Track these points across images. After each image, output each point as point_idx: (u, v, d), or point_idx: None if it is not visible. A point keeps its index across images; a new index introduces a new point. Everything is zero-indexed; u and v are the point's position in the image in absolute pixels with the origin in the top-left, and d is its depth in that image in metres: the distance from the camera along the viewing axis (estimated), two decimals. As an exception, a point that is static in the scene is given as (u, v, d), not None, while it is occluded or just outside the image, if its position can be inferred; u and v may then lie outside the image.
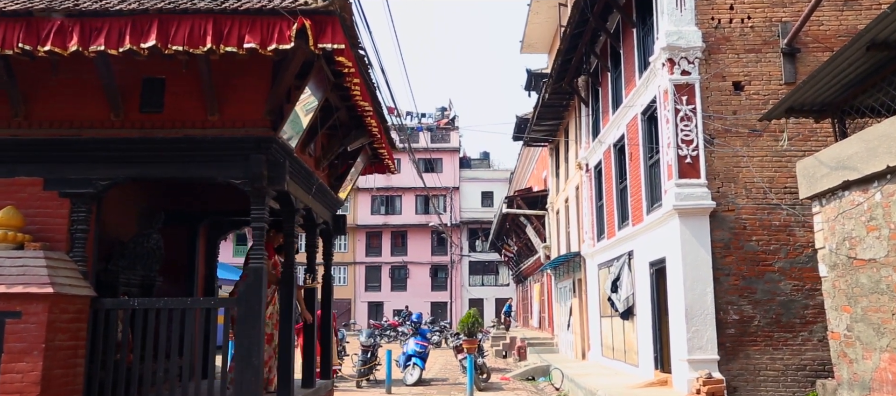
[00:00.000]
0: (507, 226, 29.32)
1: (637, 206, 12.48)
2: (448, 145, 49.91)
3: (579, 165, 17.60)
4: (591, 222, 16.67)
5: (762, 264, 9.87)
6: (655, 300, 11.53)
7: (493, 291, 46.87)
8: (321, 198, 7.95)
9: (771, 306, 9.75)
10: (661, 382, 10.62)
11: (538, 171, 30.26)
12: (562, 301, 21.99)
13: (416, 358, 15.01)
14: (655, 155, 11.67)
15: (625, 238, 13.23)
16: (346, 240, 47.72)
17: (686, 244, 9.82)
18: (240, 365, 5.49)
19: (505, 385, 14.74)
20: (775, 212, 10.00)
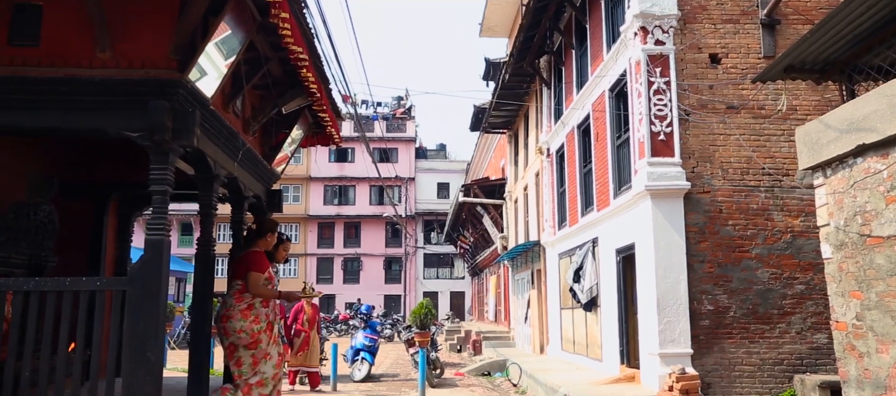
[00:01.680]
0: (464, 216, 28.42)
1: (603, 190, 11.67)
2: (404, 135, 48.79)
3: (540, 150, 16.78)
4: (551, 209, 15.86)
5: (739, 250, 9.14)
6: (622, 289, 10.74)
7: (448, 284, 46.01)
8: (251, 168, 6.84)
9: (747, 295, 9.03)
10: (628, 378, 9.83)
11: (496, 160, 29.45)
12: (519, 294, 21.20)
13: (364, 353, 13.94)
14: (624, 134, 10.86)
15: (589, 225, 12.42)
16: (297, 231, 46.20)
17: (658, 229, 9.02)
18: (131, 362, 4.37)
19: (459, 381, 13.82)
20: (753, 194, 9.28)
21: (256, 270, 5.18)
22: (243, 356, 5.13)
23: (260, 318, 5.09)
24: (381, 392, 12.00)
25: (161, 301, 4.50)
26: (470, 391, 12.45)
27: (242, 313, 5.04)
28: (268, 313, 5.26)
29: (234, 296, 5.15)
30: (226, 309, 5.08)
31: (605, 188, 11.51)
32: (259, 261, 5.27)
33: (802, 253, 9.15)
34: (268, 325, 5.20)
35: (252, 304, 5.09)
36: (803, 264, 9.13)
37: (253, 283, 5.16)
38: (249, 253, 5.31)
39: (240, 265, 5.34)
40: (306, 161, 46.74)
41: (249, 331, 5.05)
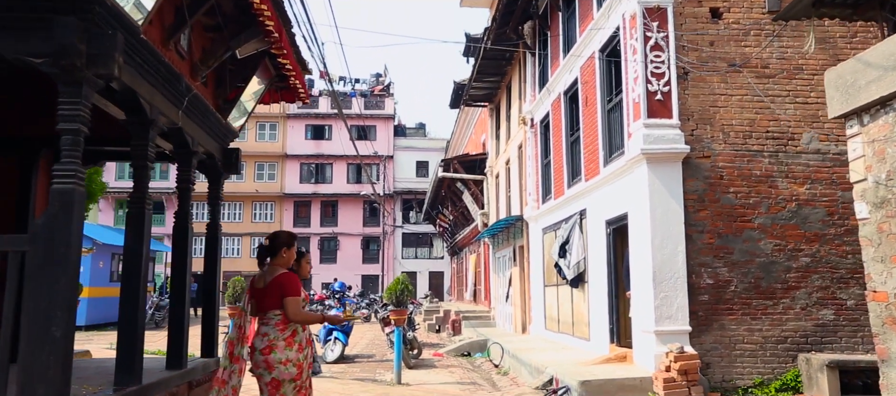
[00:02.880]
0: (443, 193, 27.63)
1: (592, 158, 10.93)
2: (382, 112, 47.78)
3: (523, 120, 15.99)
4: (535, 182, 15.12)
5: (740, 220, 8.45)
6: (612, 264, 10.04)
7: (427, 264, 45.31)
8: (201, 120, 5.97)
9: (749, 268, 8.36)
10: (619, 357, 9.15)
11: (477, 135, 28.65)
12: (500, 272, 20.51)
13: (337, 332, 13.19)
14: (615, 97, 10.11)
15: (576, 196, 11.69)
16: (273, 210, 45.12)
17: (655, 196, 8.30)
18: (31, 341, 3.52)
19: (438, 362, 13.10)
20: (756, 160, 8.59)
21: (294, 294, 4.44)
22: (287, 391, 4.40)
23: (303, 345, 4.47)
24: (355, 374, 11.24)
25: (71, 265, 3.65)
26: (449, 372, 11.74)
27: (287, 342, 4.37)
28: (307, 338, 4.60)
29: (277, 326, 4.42)
30: (268, 341, 4.37)
31: (595, 156, 10.77)
32: (293, 284, 4.50)
33: (808, 223, 8.50)
34: (307, 352, 4.54)
35: (295, 331, 4.44)
36: (809, 235, 8.48)
37: (294, 310, 4.41)
38: (280, 277, 4.49)
39: (271, 293, 4.49)
40: (282, 138, 45.61)
41: (296, 361, 4.39)
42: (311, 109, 46.36)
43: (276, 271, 4.49)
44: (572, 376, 8.09)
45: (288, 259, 4.61)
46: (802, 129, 8.70)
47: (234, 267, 41.96)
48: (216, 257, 6.71)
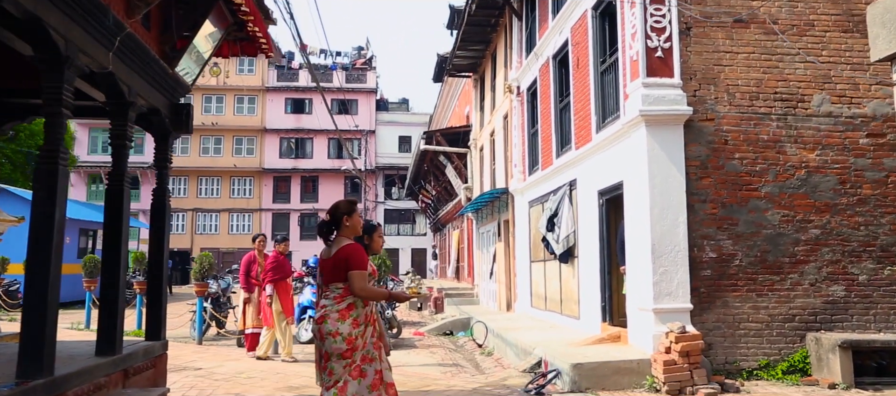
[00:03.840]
0: (426, 168, 26.84)
1: (583, 124, 10.19)
2: (364, 86, 46.73)
3: (509, 88, 15.19)
4: (521, 153, 14.37)
5: (746, 188, 7.78)
6: (604, 237, 9.34)
7: (410, 240, 44.61)
8: (141, 67, 5.13)
9: (755, 241, 7.70)
10: (613, 338, 8.49)
11: (460, 108, 27.82)
12: (484, 248, 19.83)
13: (312, 311, 12.39)
14: (609, 58, 9.36)
15: (565, 166, 10.96)
16: (251, 185, 44.07)
17: (654, 162, 7.58)
18: None
19: (419, 342, 12.41)
20: (763, 123, 7.89)
21: (359, 267, 4.17)
22: (335, 367, 4.11)
23: (359, 320, 4.17)
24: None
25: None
26: (430, 352, 11.05)
27: (341, 314, 4.12)
28: (368, 314, 4.26)
29: (335, 299, 4.20)
30: (323, 311, 4.19)
31: (586, 122, 10.03)
32: (359, 256, 4.21)
33: (818, 192, 7.84)
34: (364, 329, 4.20)
35: (352, 305, 4.17)
36: (819, 204, 7.83)
37: (359, 284, 4.14)
38: (346, 248, 4.22)
39: (336, 266, 4.21)
40: (261, 112, 44.48)
41: (345, 336, 4.09)
42: (290, 82, 45.23)
43: (342, 242, 4.26)
44: (562, 358, 7.41)
45: (354, 227, 4.36)
46: (813, 90, 8.01)
47: (213, 244, 41.02)
48: (163, 227, 5.89)
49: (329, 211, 4.41)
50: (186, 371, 8.17)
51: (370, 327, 4.23)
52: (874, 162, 7.96)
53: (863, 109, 8.02)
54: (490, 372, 8.92)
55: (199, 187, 43.31)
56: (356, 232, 4.38)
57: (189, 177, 43.12)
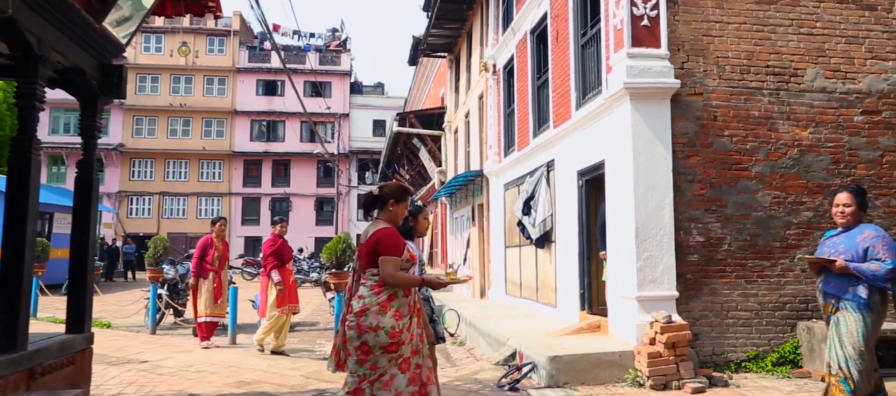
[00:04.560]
0: (399, 151, 26.15)
1: (562, 101, 9.61)
2: (338, 68, 45.70)
3: (485, 66, 14.57)
4: (496, 134, 13.78)
5: (736, 167, 7.26)
6: (584, 220, 8.80)
7: (384, 226, 43.82)
8: (57, 17, 4.41)
9: (745, 224, 7.20)
10: (592, 327, 7.97)
11: (435, 90, 27.14)
12: (457, 233, 19.26)
13: (271, 298, 11.73)
14: (591, 30, 8.78)
15: (543, 145, 10.39)
16: (221, 168, 42.94)
17: (639, 138, 7.02)
18: None
19: (388, 330, 11.79)
20: (754, 98, 7.37)
21: (390, 253, 3.91)
22: (380, 361, 3.83)
23: (402, 311, 3.90)
24: (292, 345, 9.86)
25: None
26: (399, 342, 10.44)
27: (382, 306, 3.86)
28: (410, 304, 4.00)
29: (373, 289, 3.92)
30: (363, 304, 3.89)
31: (566, 99, 9.45)
32: (391, 240, 3.95)
33: (811, 172, 7.36)
34: (410, 321, 3.95)
35: (393, 295, 3.90)
36: (812, 185, 7.35)
37: (388, 271, 3.87)
38: (378, 232, 3.97)
39: (369, 250, 3.96)
40: (231, 94, 43.30)
41: (389, 329, 3.82)
42: (262, 63, 44.10)
43: (378, 225, 4.03)
44: (539, 350, 6.86)
45: (395, 215, 4.13)
46: (806, 64, 7.51)
47: (180, 229, 39.99)
48: (90, 205, 5.16)
49: (379, 186, 4.22)
50: (130, 365, 7.48)
51: (415, 317, 3.99)
52: (869, 141, 7.50)
53: (858, 85, 7.55)
54: (461, 365, 8.36)
55: (166, 169, 42.05)
56: (396, 221, 4.15)
57: (156, 159, 41.85)
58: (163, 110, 42.00)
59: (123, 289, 21.68)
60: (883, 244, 4.51)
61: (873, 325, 4.53)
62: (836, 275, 4.61)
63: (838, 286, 4.61)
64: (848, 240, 4.67)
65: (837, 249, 4.68)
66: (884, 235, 4.61)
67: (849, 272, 4.51)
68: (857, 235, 4.65)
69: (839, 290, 4.60)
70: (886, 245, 4.51)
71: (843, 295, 4.57)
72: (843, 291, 4.57)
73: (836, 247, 4.70)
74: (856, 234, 4.67)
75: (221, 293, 9.62)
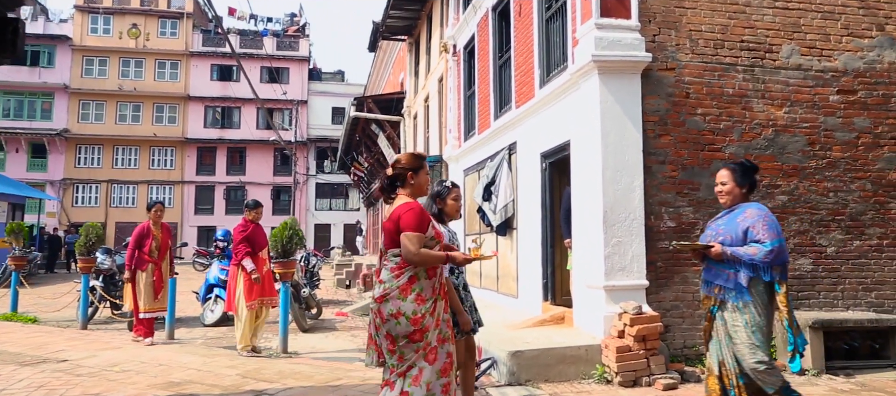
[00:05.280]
0: (357, 138, 25.37)
1: (525, 79, 9.08)
2: (296, 54, 44.50)
3: (445, 46, 13.97)
4: (456, 117, 13.21)
5: (709, 148, 6.83)
6: (547, 206, 8.30)
7: (342, 216, 43.00)
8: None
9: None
10: (556, 319, 7.48)
11: (395, 76, 26.43)
12: (417, 221, 18.66)
13: (219, 289, 10.98)
14: (557, 1, 8.25)
15: (504, 128, 9.86)
16: (173, 156, 41.46)
17: (608, 116, 6.52)
18: None
19: (340, 323, 11.17)
20: (728, 75, 6.94)
21: (411, 228, 3.51)
22: (405, 351, 3.52)
23: (425, 294, 3.54)
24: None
25: None
26: (351, 335, 9.82)
27: (402, 289, 3.51)
28: (434, 286, 3.61)
29: (393, 271, 3.57)
30: (383, 289, 3.57)
31: (529, 77, 8.92)
32: (414, 215, 3.55)
33: (786, 154, 6.97)
34: (434, 305, 3.57)
35: (415, 276, 3.54)
36: (787, 167, 6.97)
37: (410, 248, 3.49)
38: (399, 208, 3.62)
39: (390, 228, 3.61)
40: (184, 78, 41.80)
41: (410, 315, 3.48)
42: (217, 47, 42.61)
43: (400, 201, 3.66)
44: (499, 344, 6.32)
45: (418, 187, 3.75)
46: (782, 39, 7.10)
47: (129, 218, 38.47)
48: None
49: (391, 165, 3.82)
50: (45, 365, 6.70)
51: (441, 301, 3.61)
52: (844, 121, 7.15)
53: (833, 63, 7.18)
54: (417, 359, 7.77)
55: (115, 156, 40.37)
56: (422, 192, 3.78)
57: (104, 146, 40.13)
58: (111, 95, 40.28)
59: (64, 281, 20.50)
60: (763, 224, 3.90)
61: (762, 317, 3.89)
62: (716, 262, 4.01)
63: (719, 274, 4.01)
64: (729, 222, 4.09)
65: (718, 232, 4.11)
66: (765, 214, 3.97)
67: (728, 257, 3.92)
68: (739, 215, 4.05)
69: (720, 279, 4.00)
70: (767, 225, 3.90)
71: (725, 284, 3.96)
72: (724, 280, 3.97)
73: (717, 230, 4.13)
74: (737, 214, 4.07)
75: (162, 286, 8.78)
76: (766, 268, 3.83)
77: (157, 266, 8.73)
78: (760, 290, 3.89)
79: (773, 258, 3.82)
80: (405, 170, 3.73)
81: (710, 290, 4.08)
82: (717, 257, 3.97)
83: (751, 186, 4.21)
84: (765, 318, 3.90)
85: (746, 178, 4.17)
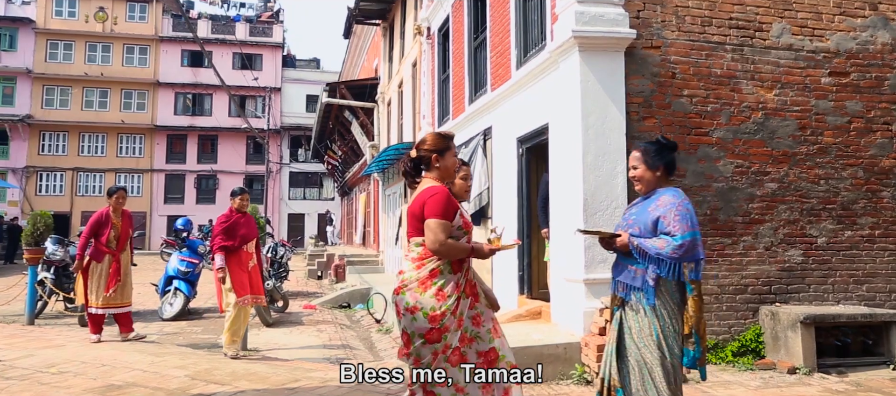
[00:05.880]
0: (331, 125, 24.76)
1: (501, 60, 8.60)
2: (270, 40, 43.55)
3: (419, 29, 13.44)
4: (430, 102, 12.71)
5: (695, 132, 6.41)
6: (524, 193, 7.85)
7: (316, 205, 42.30)
8: None
9: (705, 196, 6.37)
10: (533, 314, 7.04)
11: (369, 62, 25.81)
12: (389, 211, 18.16)
13: (179, 281, 10.42)
14: (534, -23, 7.78)
15: (479, 112, 9.39)
16: (142, 143, 40.37)
17: (589, 97, 6.07)
18: None
19: (308, 317, 10.64)
20: (716, 54, 6.52)
21: (436, 215, 3.12)
22: (422, 353, 3.15)
23: (446, 293, 3.13)
24: (192, 336, 8.63)
25: None
26: (317, 330, 9.31)
27: (422, 282, 3.14)
28: (458, 282, 3.21)
29: (414, 262, 3.21)
30: (401, 280, 3.21)
31: (505, 59, 8.45)
32: (440, 200, 3.16)
33: (776, 139, 6.58)
34: (457, 303, 3.16)
35: (437, 269, 3.15)
36: (776, 153, 6.58)
37: (433, 237, 3.11)
38: (424, 192, 3.23)
39: (413, 215, 3.22)
40: (154, 64, 40.68)
41: (428, 311, 3.10)
42: (188, 32, 41.44)
43: (426, 185, 3.31)
44: (472, 341, 5.85)
45: (444, 170, 3.37)
46: (772, 18, 6.70)
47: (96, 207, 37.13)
48: None
49: (415, 146, 3.45)
50: (-27, 365, 6.10)
51: (466, 299, 3.21)
52: (836, 105, 6.78)
53: (825, 43, 6.80)
54: (385, 357, 7.32)
55: (81, 144, 39.17)
56: (449, 175, 3.42)
57: (69, 132, 38.91)
58: (77, 80, 39.00)
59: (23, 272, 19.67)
60: (675, 214, 3.28)
61: (671, 323, 3.25)
62: (625, 255, 3.42)
63: (626, 270, 3.41)
64: (640, 211, 3.50)
65: (628, 222, 3.54)
66: (679, 202, 3.34)
67: (635, 249, 3.32)
68: (651, 203, 3.45)
69: (627, 275, 3.39)
70: (680, 215, 3.28)
71: (631, 282, 3.36)
72: (630, 277, 3.37)
73: (628, 220, 3.56)
74: (650, 202, 3.47)
75: (119, 278, 7.81)
76: (673, 266, 3.20)
77: (115, 258, 7.85)
78: (673, 290, 3.28)
79: (683, 254, 3.19)
80: (430, 152, 3.35)
81: (616, 287, 3.48)
82: (624, 248, 3.38)
83: (666, 167, 3.56)
84: (679, 323, 3.27)
85: (660, 158, 3.54)
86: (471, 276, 3.33)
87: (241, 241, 7.05)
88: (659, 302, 3.26)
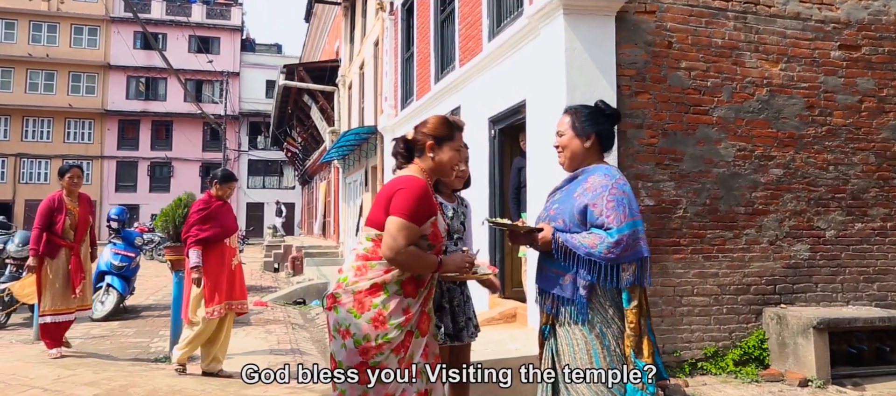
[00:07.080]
0: (290, 110, 23.58)
1: (472, 32, 7.72)
2: (228, 23, 41.93)
3: (381, 5, 12.47)
4: (393, 83, 11.77)
5: (694, 109, 5.62)
6: (496, 180, 7.00)
7: (276, 194, 40.92)
8: None
9: (704, 183, 5.59)
10: (507, 317, 6.21)
11: (330, 45, 24.70)
12: (350, 200, 17.20)
13: (112, 277, 9.33)
14: (509, -64, 6.89)
15: (447, 90, 8.49)
16: (92, 129, 38.49)
17: (575, 67, 5.22)
18: None
19: (257, 315, 9.65)
20: (717, 22, 5.73)
21: (403, 212, 2.32)
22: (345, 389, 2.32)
23: (389, 312, 2.29)
24: (122, 339, 7.60)
25: None
26: (266, 331, 8.35)
27: (358, 300, 2.31)
28: (410, 308, 2.36)
29: (357, 261, 2.37)
30: (336, 284, 2.39)
31: (476, 30, 7.56)
32: (413, 198, 2.35)
33: (782, 119, 5.84)
34: (407, 335, 2.33)
35: (381, 284, 2.32)
36: (782, 135, 5.83)
37: (391, 241, 2.30)
38: (399, 180, 2.45)
39: (376, 203, 2.41)
40: (104, 46, 38.77)
41: (361, 338, 2.28)
42: (141, 13, 39.58)
43: (406, 172, 2.53)
44: (438, 352, 4.97)
45: (440, 164, 2.58)
46: (778, -17, 5.94)
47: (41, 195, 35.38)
48: None
49: (415, 127, 2.71)
50: None
51: (419, 338, 2.41)
52: (847, 82, 6.06)
53: (835, 12, 6.07)
54: (338, 365, 6.37)
55: (24, 128, 37.16)
56: (443, 172, 2.64)
57: (11, 116, 36.88)
58: (20, 61, 36.93)
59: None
60: (608, 199, 2.39)
61: (618, 346, 2.39)
62: (549, 257, 2.53)
63: (550, 276, 2.53)
64: (565, 195, 2.58)
65: (549, 211, 2.63)
66: (614, 182, 2.44)
67: (560, 248, 2.44)
68: (578, 186, 2.53)
69: (552, 284, 2.51)
70: (615, 200, 2.39)
71: (560, 293, 2.48)
72: (558, 286, 2.48)
73: (549, 209, 2.64)
74: (577, 185, 2.54)
75: (82, 277, 6.48)
76: (609, 269, 2.35)
77: (73, 251, 6.44)
78: (605, 301, 2.42)
79: (621, 253, 2.33)
80: (427, 137, 2.59)
81: (544, 300, 2.59)
82: (546, 246, 2.49)
83: (600, 138, 2.61)
84: (615, 345, 2.40)
85: (592, 124, 2.60)
86: (428, 309, 2.45)
87: (222, 235, 5.67)
88: (598, 318, 2.39)
